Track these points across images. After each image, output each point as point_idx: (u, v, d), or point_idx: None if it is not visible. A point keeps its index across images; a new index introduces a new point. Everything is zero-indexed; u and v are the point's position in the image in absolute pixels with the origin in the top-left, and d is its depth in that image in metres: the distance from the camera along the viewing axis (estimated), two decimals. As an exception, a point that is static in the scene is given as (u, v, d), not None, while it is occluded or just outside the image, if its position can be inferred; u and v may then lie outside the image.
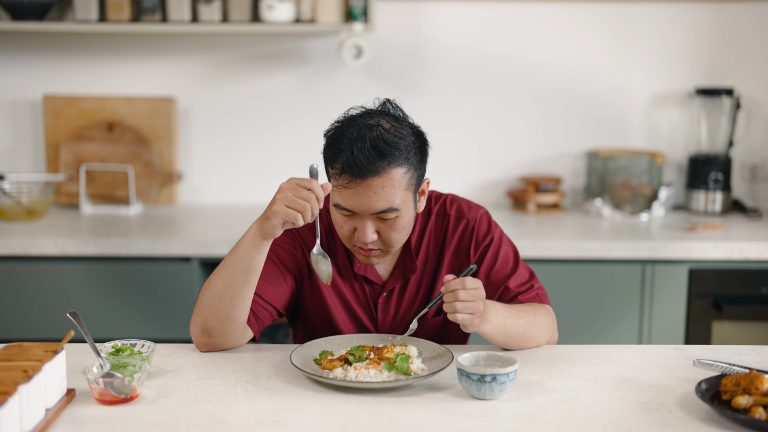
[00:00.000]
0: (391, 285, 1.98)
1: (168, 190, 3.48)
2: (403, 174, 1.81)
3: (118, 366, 1.70)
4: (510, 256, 2.00)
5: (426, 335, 2.00)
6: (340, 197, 1.82)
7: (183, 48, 3.48)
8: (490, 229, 2.00)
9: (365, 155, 1.76)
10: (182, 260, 2.95)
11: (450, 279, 1.76)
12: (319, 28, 3.22)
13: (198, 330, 1.86)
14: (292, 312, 2.05)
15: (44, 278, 2.94)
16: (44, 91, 3.48)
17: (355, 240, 1.86)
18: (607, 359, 1.89)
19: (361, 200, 1.79)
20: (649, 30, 3.49)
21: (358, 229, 1.83)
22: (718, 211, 3.42)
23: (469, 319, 1.75)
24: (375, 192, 1.79)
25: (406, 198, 1.83)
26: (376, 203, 1.80)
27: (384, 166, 1.78)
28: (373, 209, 1.80)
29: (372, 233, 1.83)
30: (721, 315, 3.00)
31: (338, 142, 1.80)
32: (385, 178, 1.78)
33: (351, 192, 1.79)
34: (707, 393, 1.63)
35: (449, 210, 2.01)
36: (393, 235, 1.85)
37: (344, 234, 1.87)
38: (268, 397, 1.67)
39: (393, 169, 1.79)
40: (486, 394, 1.64)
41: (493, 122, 3.54)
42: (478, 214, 2.01)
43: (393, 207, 1.81)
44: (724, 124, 3.45)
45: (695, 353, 1.93)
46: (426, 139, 1.88)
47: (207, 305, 1.83)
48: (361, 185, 1.78)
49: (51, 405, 1.56)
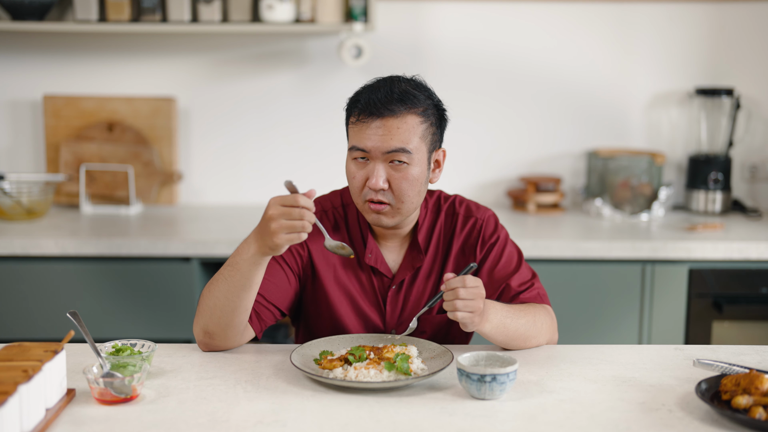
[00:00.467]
0: (400, 277, 1.99)
1: (168, 190, 3.48)
2: (419, 123, 1.87)
3: (118, 366, 1.70)
4: (514, 256, 2.02)
5: (431, 331, 2.01)
6: (355, 138, 1.88)
7: (183, 48, 3.48)
8: (497, 229, 2.03)
9: (384, 95, 1.85)
10: (182, 260, 2.95)
11: (450, 277, 1.76)
12: (319, 28, 3.22)
13: (200, 332, 1.87)
14: (295, 312, 2.05)
15: (44, 278, 2.94)
16: (44, 91, 3.48)
17: (366, 192, 1.89)
18: (607, 359, 1.89)
19: (375, 138, 1.85)
20: (649, 30, 3.49)
21: (370, 177, 1.87)
22: (718, 211, 3.42)
23: (469, 317, 1.75)
24: (389, 131, 1.85)
25: (419, 148, 1.88)
26: (390, 141, 1.85)
27: (401, 109, 1.85)
28: (386, 147, 1.85)
29: (383, 180, 1.87)
30: (721, 315, 3.00)
31: (359, 94, 1.90)
32: (401, 119, 1.85)
33: (367, 129, 1.86)
34: (707, 393, 1.63)
35: (458, 209, 2.04)
36: (404, 185, 1.87)
37: (356, 185, 1.90)
38: (268, 397, 1.67)
39: (410, 115, 1.86)
40: (486, 394, 1.64)
41: (493, 122, 3.54)
42: (486, 214, 2.04)
43: (406, 148, 1.86)
44: (724, 124, 3.45)
45: (695, 353, 1.93)
46: (445, 111, 1.95)
47: (208, 312, 1.84)
48: (377, 122, 1.85)
49: (51, 405, 1.56)
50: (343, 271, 1.99)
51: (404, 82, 1.90)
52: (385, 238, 2.00)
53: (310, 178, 3.46)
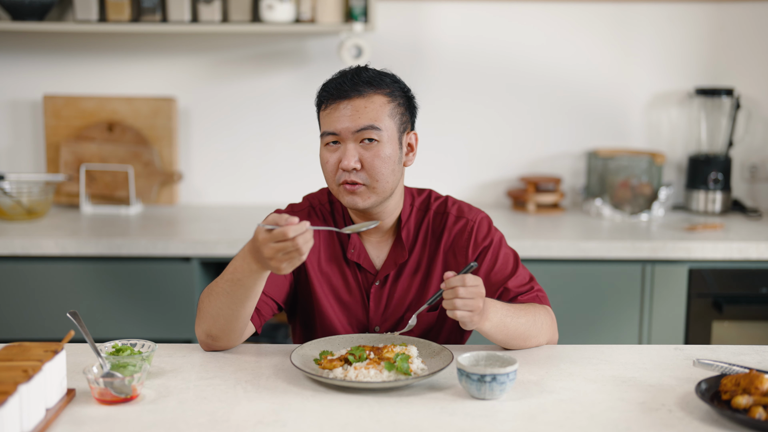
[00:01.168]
0: (384, 273, 1.99)
1: (168, 190, 3.48)
2: (386, 102, 1.90)
3: (118, 366, 1.70)
4: (510, 259, 2.01)
5: (422, 330, 2.00)
6: (325, 123, 1.91)
7: (183, 48, 3.48)
8: (490, 232, 2.01)
9: (349, 78, 1.89)
10: (182, 260, 2.95)
11: (450, 276, 1.76)
12: (319, 28, 3.22)
13: (202, 335, 1.88)
14: (290, 308, 2.06)
15: (44, 278, 2.94)
16: (44, 91, 3.48)
17: (340, 175, 1.89)
18: (607, 359, 1.89)
19: (344, 119, 1.87)
20: (648, 30, 3.49)
21: (342, 158, 1.88)
22: (718, 211, 3.42)
23: (468, 316, 1.75)
24: (357, 110, 1.87)
25: (389, 127, 1.90)
26: (358, 119, 1.87)
27: (367, 89, 1.88)
28: (356, 125, 1.87)
29: (355, 160, 1.87)
30: (721, 315, 3.00)
31: (325, 84, 1.93)
32: (367, 99, 1.88)
33: (335, 112, 1.88)
34: (707, 393, 1.63)
35: (450, 208, 2.03)
36: (376, 162, 1.88)
37: (330, 170, 1.91)
38: (268, 397, 1.67)
39: (376, 95, 1.89)
40: (486, 394, 1.64)
41: (493, 122, 3.54)
42: (478, 216, 2.02)
43: (375, 125, 1.87)
44: (723, 124, 3.45)
45: (695, 353, 1.93)
46: (413, 96, 1.98)
47: (211, 320, 1.84)
48: (344, 103, 1.88)
49: (51, 405, 1.56)
50: (328, 265, 2.00)
51: (370, 69, 1.93)
52: (368, 234, 2.00)
53: (309, 177, 3.46)
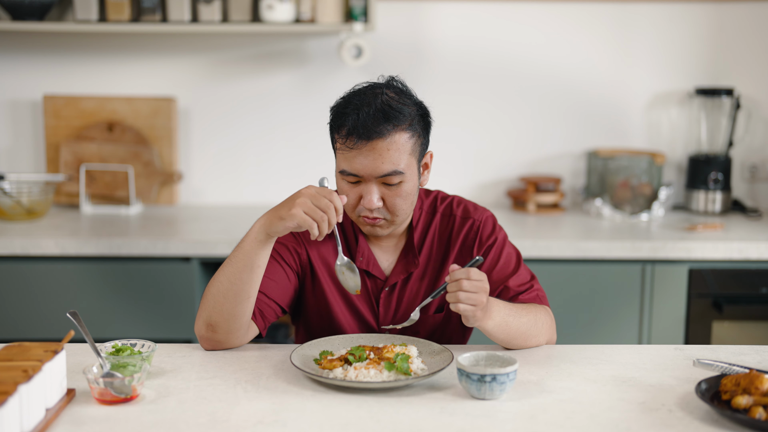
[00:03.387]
0: (393, 280, 1.99)
1: (168, 190, 3.48)
2: (408, 139, 1.86)
3: (118, 366, 1.70)
4: (512, 258, 2.02)
5: (426, 331, 2.01)
6: (345, 162, 1.86)
7: (183, 48, 3.48)
8: (495, 230, 2.02)
9: (371, 117, 1.82)
10: (182, 260, 2.95)
11: (455, 269, 1.76)
12: (319, 28, 3.22)
13: (202, 325, 1.87)
14: (294, 310, 2.06)
15: (44, 278, 2.94)
16: (44, 91, 3.48)
17: (360, 209, 1.89)
18: (607, 359, 1.89)
19: (366, 163, 1.83)
20: (648, 30, 3.49)
21: (364, 196, 1.87)
22: (718, 211, 3.42)
23: (471, 310, 1.75)
24: (380, 154, 1.83)
25: (410, 164, 1.88)
26: (381, 165, 1.83)
27: (389, 129, 1.83)
28: (378, 172, 1.84)
29: (377, 199, 1.87)
30: (721, 315, 3.00)
31: (344, 109, 1.86)
32: (389, 140, 1.83)
33: (356, 154, 1.83)
34: (707, 393, 1.63)
35: (455, 210, 2.03)
36: (398, 201, 1.88)
37: (349, 203, 1.90)
38: (268, 397, 1.67)
39: (397, 133, 1.84)
40: (486, 394, 1.64)
41: (493, 122, 3.54)
42: (484, 215, 2.03)
43: (398, 170, 1.85)
44: (724, 124, 3.45)
45: (695, 353, 1.93)
46: (428, 112, 1.94)
47: (212, 301, 1.84)
48: (366, 147, 1.83)
49: (51, 405, 1.56)
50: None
51: (386, 94, 1.86)
52: (379, 239, 2.01)
53: (308, 175, 3.46)
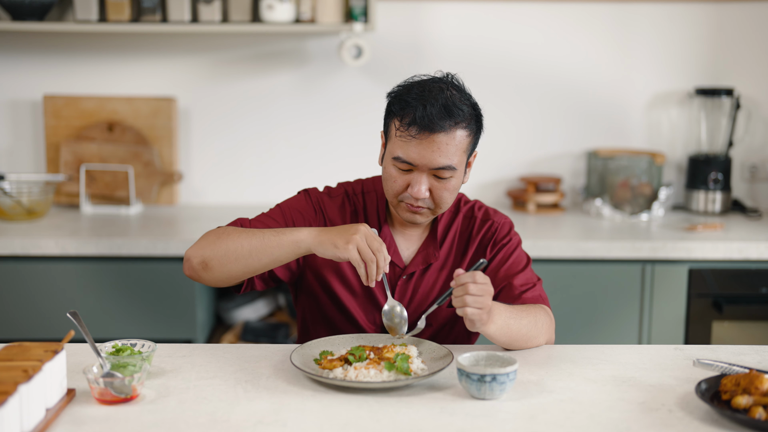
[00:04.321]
0: (412, 269, 2.02)
1: (168, 190, 3.48)
2: (465, 136, 1.91)
3: (119, 366, 1.70)
4: (522, 260, 2.06)
5: (437, 326, 2.03)
6: (403, 150, 1.89)
7: (183, 48, 3.48)
8: (510, 233, 2.07)
9: (437, 111, 1.86)
10: (182, 260, 2.94)
11: (460, 273, 1.77)
12: (319, 28, 3.22)
13: (198, 260, 1.91)
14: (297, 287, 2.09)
15: (44, 278, 2.94)
16: (44, 91, 3.48)
17: (404, 196, 1.93)
18: (607, 359, 1.89)
19: (425, 153, 1.87)
20: (648, 30, 3.49)
21: (412, 185, 1.90)
22: (718, 211, 3.42)
23: (478, 314, 1.75)
24: (439, 147, 1.87)
25: (462, 161, 1.92)
26: (438, 158, 1.87)
27: (451, 125, 1.87)
28: (434, 164, 1.88)
29: (425, 189, 1.90)
30: (721, 315, 3.00)
31: (407, 96, 1.89)
32: (450, 135, 1.88)
33: (417, 144, 1.87)
34: (707, 393, 1.63)
35: (477, 212, 2.09)
36: (444, 194, 1.92)
37: (396, 189, 1.93)
38: (268, 396, 1.67)
39: (458, 130, 1.88)
40: (486, 394, 1.65)
41: (493, 121, 3.53)
42: (503, 219, 2.09)
43: (452, 165, 1.89)
44: (724, 124, 3.45)
45: (695, 353, 1.93)
46: (482, 115, 1.97)
47: (221, 252, 1.87)
48: (427, 139, 1.86)
49: (51, 405, 1.57)
50: None
51: (451, 92, 1.90)
52: (404, 227, 2.04)
53: (308, 175, 3.46)
